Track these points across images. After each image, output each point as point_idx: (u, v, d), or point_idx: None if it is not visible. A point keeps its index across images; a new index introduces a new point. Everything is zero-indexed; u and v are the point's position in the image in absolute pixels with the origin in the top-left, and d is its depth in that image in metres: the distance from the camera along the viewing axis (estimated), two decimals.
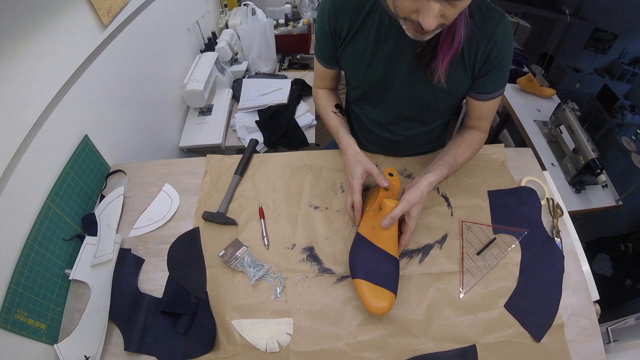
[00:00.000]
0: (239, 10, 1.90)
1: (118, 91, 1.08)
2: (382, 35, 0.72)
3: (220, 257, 0.79)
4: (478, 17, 0.67)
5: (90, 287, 0.78)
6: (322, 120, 0.96)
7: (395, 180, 0.77)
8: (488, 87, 0.76)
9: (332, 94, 0.97)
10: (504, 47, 0.70)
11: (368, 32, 0.73)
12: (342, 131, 0.87)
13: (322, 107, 0.94)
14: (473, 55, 0.70)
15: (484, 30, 0.67)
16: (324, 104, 0.94)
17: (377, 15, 0.71)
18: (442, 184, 0.91)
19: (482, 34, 0.67)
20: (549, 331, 0.69)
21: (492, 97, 0.77)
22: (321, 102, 0.95)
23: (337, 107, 0.93)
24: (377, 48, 0.74)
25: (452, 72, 0.71)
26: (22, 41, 0.72)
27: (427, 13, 0.52)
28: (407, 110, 0.84)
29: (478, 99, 0.78)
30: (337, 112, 0.92)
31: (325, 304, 0.74)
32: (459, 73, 0.73)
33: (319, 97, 0.96)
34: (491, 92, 0.76)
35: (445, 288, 0.75)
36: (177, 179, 0.96)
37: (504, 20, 0.68)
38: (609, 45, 2.47)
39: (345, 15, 0.74)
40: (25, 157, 0.73)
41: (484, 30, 0.67)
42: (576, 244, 0.82)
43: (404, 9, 0.56)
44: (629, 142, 1.74)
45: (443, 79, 0.69)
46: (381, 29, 0.72)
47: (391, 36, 0.72)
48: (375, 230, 0.74)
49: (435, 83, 0.71)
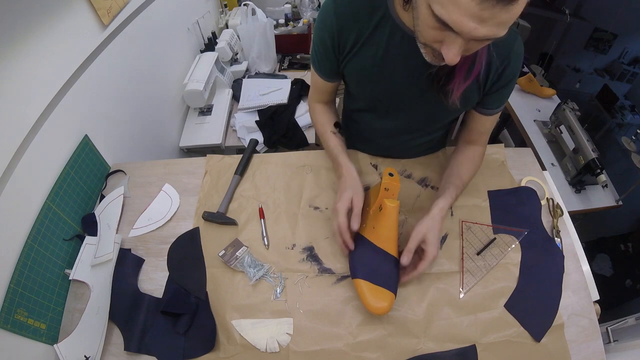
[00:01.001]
0: (239, 10, 1.90)
1: (118, 91, 1.08)
2: (392, 51, 0.67)
3: (220, 257, 0.79)
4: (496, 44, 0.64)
5: (90, 287, 0.78)
6: (320, 138, 0.90)
7: (395, 180, 0.77)
8: (495, 104, 0.75)
9: (330, 109, 0.91)
10: (516, 66, 0.69)
11: (376, 46, 0.68)
12: (342, 156, 0.81)
13: (321, 125, 0.88)
14: (485, 73, 0.68)
15: (499, 49, 0.65)
16: (322, 122, 0.88)
17: (387, 29, 0.66)
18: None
19: (498, 53, 0.65)
20: (549, 331, 0.69)
21: (497, 112, 0.78)
22: (319, 120, 0.89)
23: (336, 127, 0.87)
24: (386, 63, 0.69)
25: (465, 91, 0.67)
26: (22, 41, 0.72)
27: (452, 47, 0.48)
28: (414, 124, 0.83)
29: (484, 113, 0.78)
30: (336, 132, 0.87)
31: (325, 304, 0.74)
32: (471, 92, 0.71)
33: (317, 112, 0.89)
34: (497, 107, 0.76)
35: (445, 288, 0.75)
36: (177, 179, 0.96)
37: (518, 40, 0.66)
38: (609, 45, 2.47)
39: (351, 26, 0.67)
40: (25, 157, 0.73)
41: (500, 49, 0.65)
42: (576, 244, 0.82)
43: (426, 37, 0.52)
44: (629, 142, 1.74)
45: (458, 101, 0.66)
46: (391, 45, 0.67)
47: (402, 54, 0.67)
48: (375, 230, 0.74)
49: (450, 105, 0.67)
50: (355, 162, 0.96)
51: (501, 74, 0.68)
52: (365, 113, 0.87)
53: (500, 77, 0.69)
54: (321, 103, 0.90)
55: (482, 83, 0.70)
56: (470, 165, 0.82)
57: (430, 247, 0.68)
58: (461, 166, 0.82)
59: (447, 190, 0.76)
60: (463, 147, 0.85)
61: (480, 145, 0.85)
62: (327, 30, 0.69)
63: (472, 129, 0.83)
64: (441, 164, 0.95)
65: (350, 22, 0.67)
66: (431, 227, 0.69)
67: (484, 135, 0.84)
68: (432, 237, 0.69)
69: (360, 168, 0.95)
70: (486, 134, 0.84)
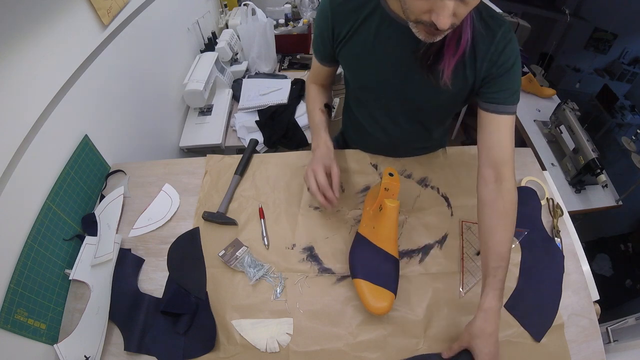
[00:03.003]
0: (239, 10, 1.90)
1: (118, 91, 1.08)
2: (382, 36, 0.71)
3: (220, 257, 0.79)
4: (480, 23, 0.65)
5: (90, 287, 0.78)
6: (308, 115, 0.96)
7: (395, 180, 0.77)
8: (500, 97, 0.69)
9: (324, 91, 0.96)
10: (512, 50, 0.68)
11: (366, 33, 0.72)
12: (323, 131, 0.87)
13: (312, 101, 0.94)
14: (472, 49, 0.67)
15: (484, 35, 0.66)
16: (313, 99, 0.94)
17: (377, 17, 0.70)
18: (442, 184, 0.91)
19: (483, 38, 0.66)
20: (549, 331, 0.69)
21: (506, 110, 0.70)
22: (311, 96, 0.95)
23: (325, 107, 0.93)
24: (376, 49, 0.73)
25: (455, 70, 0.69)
26: (22, 41, 0.72)
27: (442, 12, 0.51)
28: (406, 113, 0.83)
29: (490, 110, 0.70)
30: (324, 110, 0.92)
31: (325, 304, 0.74)
32: (460, 75, 0.71)
33: (311, 91, 0.96)
34: (504, 102, 0.69)
35: (445, 288, 0.75)
36: (177, 179, 0.96)
37: (505, 27, 0.67)
38: (609, 45, 2.47)
39: (345, 19, 0.73)
40: (25, 157, 0.73)
41: (485, 35, 0.66)
42: (576, 244, 0.82)
43: (415, 10, 0.55)
44: (629, 142, 1.74)
45: (449, 80, 0.67)
46: (381, 30, 0.71)
47: (391, 38, 0.70)
48: (375, 230, 0.74)
49: (442, 86, 0.68)
50: (356, 162, 0.96)
51: (495, 60, 0.67)
52: (361, 104, 0.90)
53: (494, 63, 0.67)
54: (317, 84, 0.96)
55: (470, 64, 0.69)
56: (506, 227, 0.67)
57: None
58: (494, 235, 0.66)
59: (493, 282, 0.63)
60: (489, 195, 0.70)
61: (507, 181, 0.69)
62: (325, 21, 0.76)
63: (491, 149, 0.70)
64: (441, 164, 0.95)
65: (345, 13, 0.73)
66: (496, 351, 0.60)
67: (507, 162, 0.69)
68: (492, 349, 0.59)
69: (360, 168, 0.95)
70: (509, 159, 0.70)
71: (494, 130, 0.70)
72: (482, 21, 0.66)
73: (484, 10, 0.66)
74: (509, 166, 0.70)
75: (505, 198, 0.68)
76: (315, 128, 0.89)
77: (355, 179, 0.93)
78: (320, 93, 0.95)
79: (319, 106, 0.92)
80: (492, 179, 0.70)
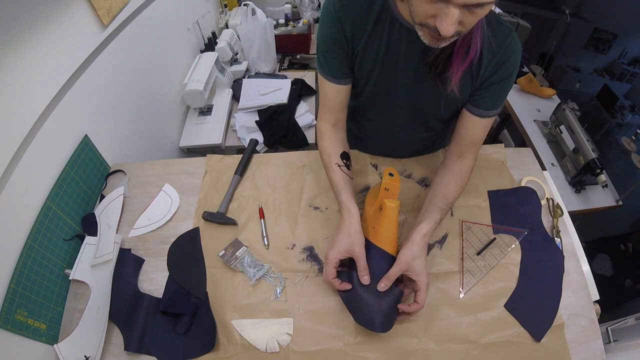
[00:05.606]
0: (239, 10, 1.90)
1: (118, 91, 1.08)
2: (394, 41, 0.69)
3: (220, 257, 0.79)
4: (488, 30, 0.65)
5: (90, 287, 0.78)
6: (324, 168, 0.83)
7: (396, 180, 0.77)
8: (488, 103, 0.73)
9: (338, 135, 0.84)
10: (514, 64, 0.68)
11: (379, 39, 0.69)
12: (344, 193, 0.75)
13: (327, 154, 0.81)
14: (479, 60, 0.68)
15: (492, 44, 0.66)
16: (328, 151, 0.81)
17: (387, 21, 0.67)
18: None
19: (490, 47, 0.66)
20: (549, 331, 0.69)
21: (490, 115, 0.74)
22: (325, 148, 0.82)
23: (342, 158, 0.80)
24: (389, 55, 0.71)
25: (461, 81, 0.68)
26: (22, 41, 0.72)
27: (446, 18, 0.50)
28: (411, 117, 0.83)
29: (476, 114, 0.74)
30: (342, 164, 0.80)
31: (325, 304, 0.74)
32: (466, 82, 0.71)
33: (324, 139, 0.83)
34: (490, 109, 0.73)
35: (445, 288, 0.75)
36: (177, 179, 0.96)
37: (512, 37, 0.67)
38: (609, 45, 2.47)
39: (354, 20, 0.68)
40: (25, 157, 0.73)
41: (492, 44, 0.66)
42: (576, 244, 0.82)
43: (420, 14, 0.54)
44: (629, 142, 1.74)
45: (456, 88, 0.67)
46: (392, 35, 0.68)
47: (402, 42, 0.68)
48: (375, 230, 0.74)
49: (449, 93, 0.68)
50: (356, 162, 0.96)
51: (497, 69, 0.68)
52: (365, 110, 0.88)
53: (495, 71, 0.68)
54: (330, 125, 0.83)
55: (476, 71, 0.69)
56: (457, 184, 0.77)
57: (420, 276, 0.66)
58: (448, 186, 0.77)
59: (431, 214, 0.72)
60: (451, 162, 0.80)
61: (469, 159, 0.79)
62: (334, 26, 0.70)
63: (463, 138, 0.78)
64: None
65: (354, 16, 0.68)
66: (416, 255, 0.66)
67: (475, 146, 0.79)
68: (419, 265, 0.66)
69: (360, 168, 0.95)
70: (477, 145, 0.79)
71: (472, 127, 0.77)
72: (490, 28, 0.65)
73: (492, 18, 0.66)
74: (475, 149, 0.80)
75: (463, 168, 0.79)
76: (334, 189, 0.79)
77: (355, 179, 0.93)
78: (334, 140, 0.82)
79: (335, 160, 0.80)
80: (456, 154, 0.80)
